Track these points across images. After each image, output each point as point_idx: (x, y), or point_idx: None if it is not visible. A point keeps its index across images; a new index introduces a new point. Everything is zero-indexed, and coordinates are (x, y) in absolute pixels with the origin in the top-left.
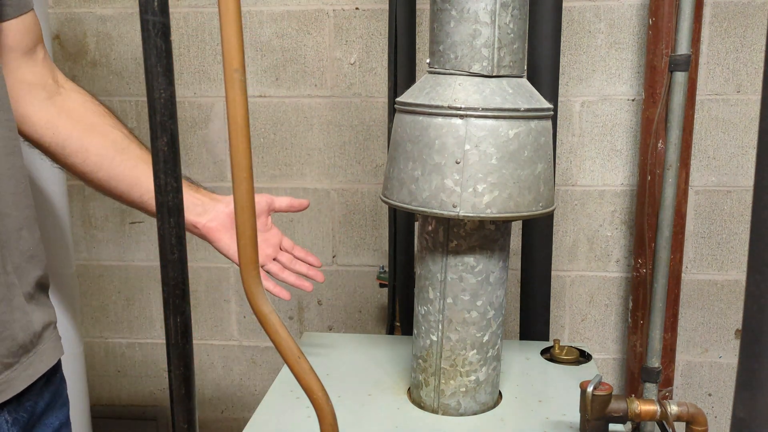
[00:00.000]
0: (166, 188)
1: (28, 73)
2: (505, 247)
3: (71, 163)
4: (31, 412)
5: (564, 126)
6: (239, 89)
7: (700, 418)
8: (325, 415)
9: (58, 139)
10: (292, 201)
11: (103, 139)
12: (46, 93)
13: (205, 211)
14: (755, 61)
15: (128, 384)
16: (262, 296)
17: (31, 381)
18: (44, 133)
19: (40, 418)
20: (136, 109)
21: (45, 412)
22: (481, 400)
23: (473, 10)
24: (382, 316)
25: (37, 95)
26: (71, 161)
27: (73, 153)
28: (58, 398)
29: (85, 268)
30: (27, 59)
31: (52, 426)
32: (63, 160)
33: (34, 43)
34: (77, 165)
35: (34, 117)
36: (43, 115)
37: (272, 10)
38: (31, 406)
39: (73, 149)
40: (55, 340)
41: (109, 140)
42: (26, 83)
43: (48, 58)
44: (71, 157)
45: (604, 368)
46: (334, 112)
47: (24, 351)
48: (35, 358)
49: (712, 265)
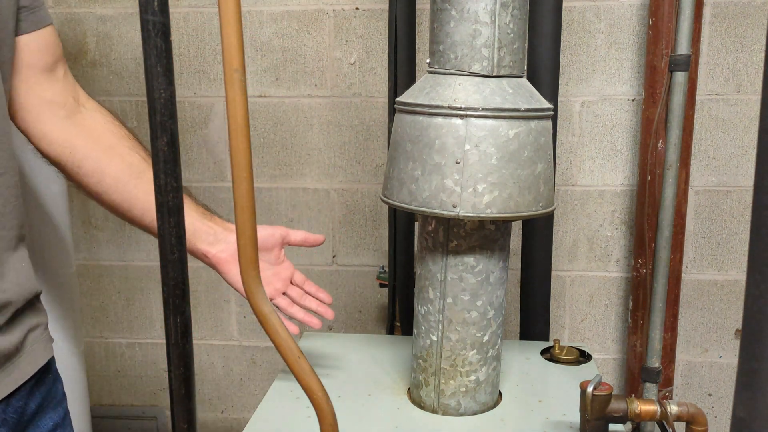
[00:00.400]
0: (166, 188)
1: (48, 90)
2: (505, 247)
3: (86, 183)
4: (21, 413)
5: (564, 126)
6: (239, 89)
7: (700, 418)
8: (325, 415)
9: (75, 158)
10: (307, 236)
11: (120, 161)
12: (65, 111)
13: (217, 241)
14: (755, 61)
15: (128, 384)
16: (262, 296)
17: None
18: (62, 151)
19: (32, 418)
20: (136, 109)
21: (38, 412)
22: (481, 400)
23: (473, 10)
24: (382, 316)
25: (57, 113)
26: (86, 181)
27: (89, 173)
28: (51, 398)
29: (85, 268)
30: (47, 76)
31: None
32: (78, 179)
33: (55, 61)
34: (92, 185)
35: (52, 135)
36: (62, 134)
37: (272, 10)
38: (21, 406)
39: (90, 170)
40: (44, 341)
41: (126, 163)
42: (46, 101)
43: (69, 76)
44: (87, 177)
45: (604, 368)
46: (334, 112)
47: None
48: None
49: (712, 265)
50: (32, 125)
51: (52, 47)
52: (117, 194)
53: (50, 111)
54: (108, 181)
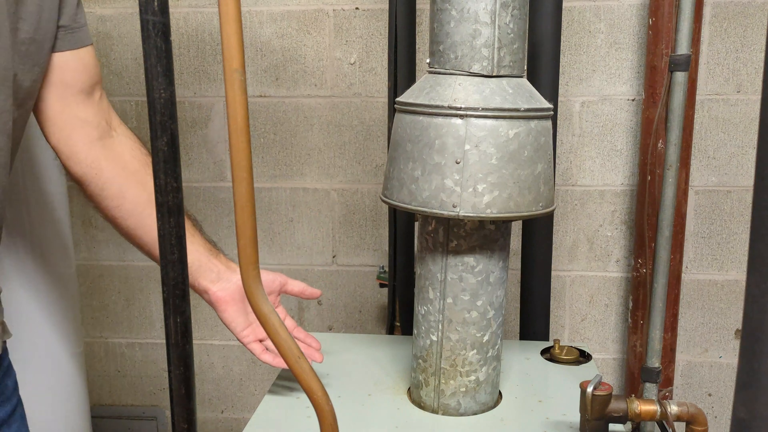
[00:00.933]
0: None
1: (83, 111)
2: (505, 247)
3: (105, 206)
4: None
5: (564, 126)
6: (239, 89)
7: (700, 418)
8: (325, 415)
9: (100, 180)
10: (304, 288)
11: (142, 189)
12: (97, 133)
13: (219, 279)
14: (755, 61)
15: (128, 384)
16: (262, 296)
17: None
18: (87, 171)
19: None
20: (136, 109)
21: None
22: (481, 400)
23: (473, 10)
24: (382, 316)
25: (89, 134)
26: (106, 204)
27: (109, 197)
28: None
29: (85, 268)
30: (83, 98)
31: None
32: (99, 200)
33: (93, 83)
34: (111, 208)
35: (80, 155)
36: (90, 155)
37: (272, 10)
38: None
39: (111, 193)
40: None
41: (146, 191)
42: (79, 120)
43: (105, 100)
44: (107, 200)
45: (604, 368)
46: (334, 112)
47: None
48: None
49: (712, 265)
50: (63, 142)
51: (91, 69)
52: (132, 220)
53: (83, 131)
54: (127, 206)
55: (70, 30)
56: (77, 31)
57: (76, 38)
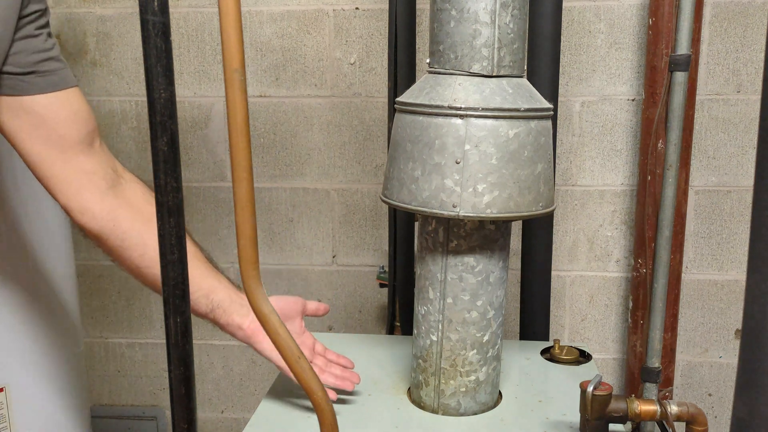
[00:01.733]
0: (166, 188)
1: (87, 162)
2: (505, 247)
3: (128, 256)
4: None
5: (564, 126)
6: (239, 89)
7: (700, 418)
8: (325, 415)
9: (119, 231)
10: (318, 306)
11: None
12: (106, 183)
13: (249, 311)
14: (755, 61)
15: (128, 384)
16: (262, 296)
17: None
18: (105, 224)
19: None
20: (136, 109)
21: None
22: (481, 400)
23: (473, 10)
24: (382, 316)
25: (99, 185)
26: (128, 254)
27: (131, 246)
28: None
29: (85, 268)
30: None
31: None
32: (120, 252)
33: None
34: (134, 258)
35: (95, 208)
36: (105, 206)
37: (272, 10)
38: None
39: (133, 243)
40: None
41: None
42: (86, 173)
43: (105, 147)
44: (130, 250)
45: (604, 368)
46: (334, 112)
47: None
48: None
49: (712, 265)
50: (73, 199)
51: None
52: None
53: (91, 183)
54: (151, 254)
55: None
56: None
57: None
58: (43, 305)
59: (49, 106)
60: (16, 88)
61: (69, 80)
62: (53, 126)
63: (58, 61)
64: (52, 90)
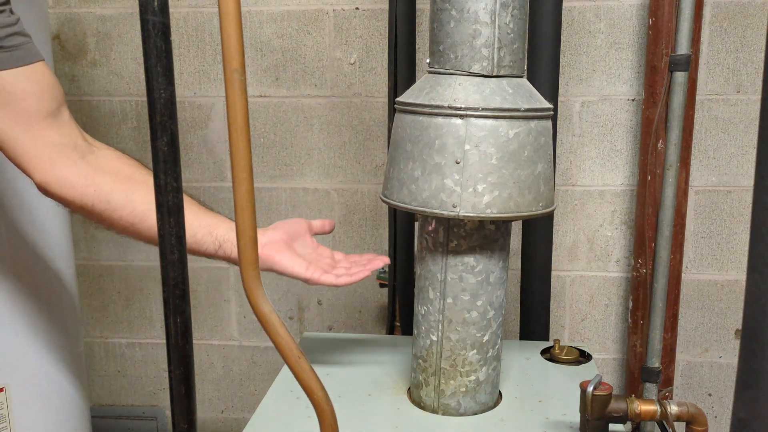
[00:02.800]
0: (166, 188)
1: (56, 135)
2: (505, 247)
3: (118, 217)
4: None
5: (564, 126)
6: (239, 89)
7: (700, 418)
8: (325, 415)
9: (102, 195)
10: (323, 222)
11: (147, 188)
12: (77, 153)
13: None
14: (755, 61)
15: (128, 384)
16: (262, 296)
17: None
18: (86, 191)
19: None
20: (136, 109)
21: None
22: (481, 400)
23: (473, 10)
24: (382, 316)
25: (70, 156)
26: (118, 215)
27: (120, 206)
28: None
29: (85, 268)
30: (51, 122)
31: None
32: (109, 215)
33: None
34: (124, 218)
35: (72, 178)
36: (82, 174)
37: (272, 10)
38: None
39: (120, 202)
40: None
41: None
42: (56, 145)
43: (73, 120)
44: (118, 210)
45: (604, 368)
46: (334, 112)
47: None
48: None
49: (712, 265)
50: (49, 172)
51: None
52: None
53: (63, 154)
54: (140, 208)
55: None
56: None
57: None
58: (43, 305)
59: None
60: None
61: (35, 54)
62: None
63: (22, 36)
64: (19, 65)
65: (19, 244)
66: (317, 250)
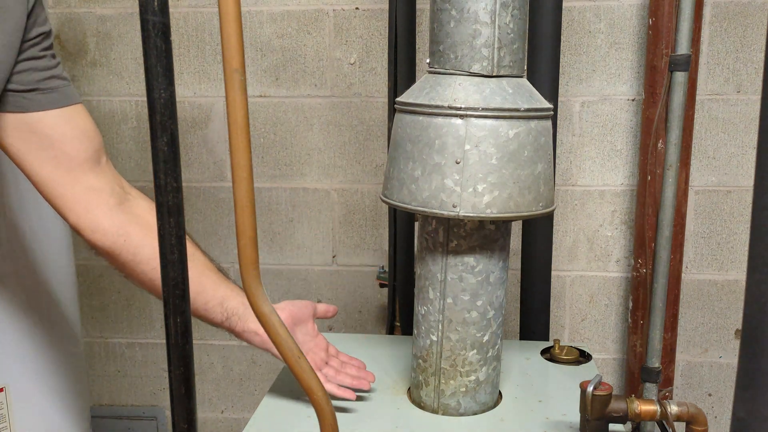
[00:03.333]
0: (166, 188)
1: (95, 180)
2: (505, 247)
3: (140, 271)
4: None
5: (564, 126)
6: (239, 89)
7: (700, 418)
8: (325, 415)
9: (131, 246)
10: (327, 308)
11: None
12: (115, 200)
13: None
14: (755, 61)
15: (128, 384)
16: (262, 296)
17: None
18: (116, 240)
19: None
20: (136, 109)
21: None
22: (481, 400)
23: (473, 10)
24: (382, 316)
25: (107, 201)
26: (141, 269)
27: (144, 260)
28: None
29: (85, 268)
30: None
31: None
32: (132, 267)
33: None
34: (146, 272)
35: (105, 224)
36: (116, 222)
37: (272, 10)
38: None
39: (145, 257)
40: None
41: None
42: (95, 190)
43: (111, 165)
44: (142, 264)
45: (604, 368)
46: (334, 112)
47: None
48: None
49: (712, 265)
50: (83, 217)
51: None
52: None
53: (100, 200)
54: None
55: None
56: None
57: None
58: (43, 305)
59: (56, 126)
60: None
61: (73, 97)
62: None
63: (61, 79)
64: (55, 107)
65: (19, 244)
66: (315, 340)
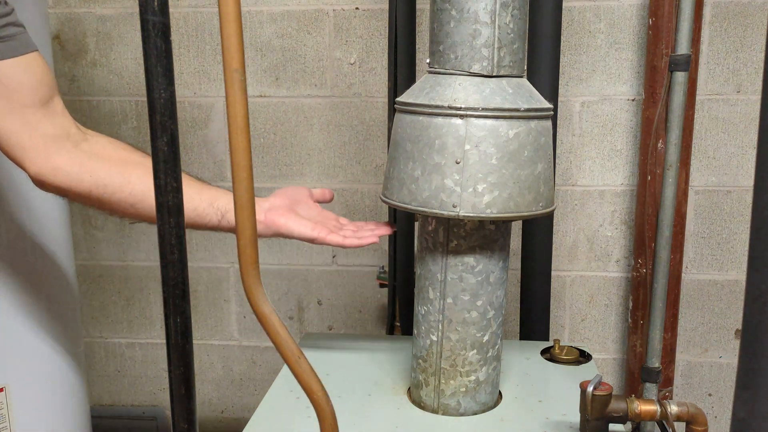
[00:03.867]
0: (166, 188)
1: (50, 125)
2: (505, 247)
3: (117, 200)
4: None
5: (564, 126)
6: (239, 89)
7: (700, 418)
8: (325, 415)
9: (98, 180)
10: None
11: (142, 168)
12: (71, 142)
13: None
14: (755, 61)
15: (128, 384)
16: (262, 296)
17: None
18: (81, 178)
19: None
20: (136, 109)
21: None
22: (481, 400)
23: (473, 10)
24: (382, 316)
25: (64, 146)
26: (117, 198)
27: (117, 189)
28: None
29: (85, 268)
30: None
31: None
32: (108, 199)
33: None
34: (123, 199)
35: (67, 166)
36: (77, 162)
37: (272, 10)
38: None
39: (117, 185)
40: None
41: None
42: (50, 136)
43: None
44: (117, 193)
45: (604, 368)
46: (334, 112)
47: None
48: None
49: (712, 265)
50: (44, 163)
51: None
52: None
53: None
54: (138, 188)
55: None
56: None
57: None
58: (43, 305)
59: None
60: None
61: (29, 44)
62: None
63: (17, 26)
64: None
65: (19, 244)
66: (322, 213)
